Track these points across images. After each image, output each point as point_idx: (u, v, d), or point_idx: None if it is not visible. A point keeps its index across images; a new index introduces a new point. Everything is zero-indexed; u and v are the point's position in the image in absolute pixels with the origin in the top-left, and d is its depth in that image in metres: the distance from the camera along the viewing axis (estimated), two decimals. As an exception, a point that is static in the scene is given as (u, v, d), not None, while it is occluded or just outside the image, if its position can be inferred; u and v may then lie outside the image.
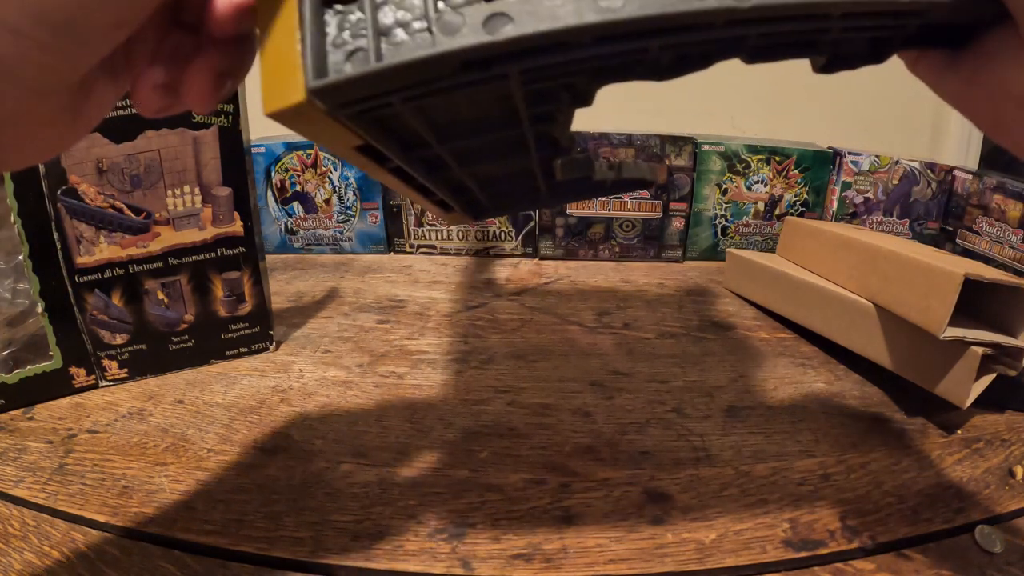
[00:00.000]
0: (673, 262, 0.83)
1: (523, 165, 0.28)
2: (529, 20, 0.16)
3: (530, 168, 0.28)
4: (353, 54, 0.18)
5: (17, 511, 0.36)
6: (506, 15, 0.17)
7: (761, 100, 0.98)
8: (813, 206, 0.83)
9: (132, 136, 0.46)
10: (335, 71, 0.18)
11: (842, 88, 0.97)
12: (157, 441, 0.43)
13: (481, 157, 0.27)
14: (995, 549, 0.34)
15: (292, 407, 0.47)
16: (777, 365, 0.55)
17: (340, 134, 0.20)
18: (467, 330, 0.61)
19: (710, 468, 0.41)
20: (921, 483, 0.40)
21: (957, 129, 1.01)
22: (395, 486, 0.39)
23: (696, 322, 0.64)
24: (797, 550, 0.34)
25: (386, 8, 0.18)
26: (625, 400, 0.49)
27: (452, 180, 0.28)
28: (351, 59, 0.18)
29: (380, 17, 0.18)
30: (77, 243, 0.46)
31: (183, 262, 0.50)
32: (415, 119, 0.20)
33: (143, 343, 0.50)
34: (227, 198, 0.50)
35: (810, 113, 0.99)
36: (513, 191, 0.33)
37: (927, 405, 0.48)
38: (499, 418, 0.46)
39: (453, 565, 0.33)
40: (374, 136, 0.21)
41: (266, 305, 0.54)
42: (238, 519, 0.36)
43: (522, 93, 0.20)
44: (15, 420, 0.45)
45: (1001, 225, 0.74)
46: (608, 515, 0.37)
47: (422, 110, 0.20)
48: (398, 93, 0.18)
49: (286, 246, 0.84)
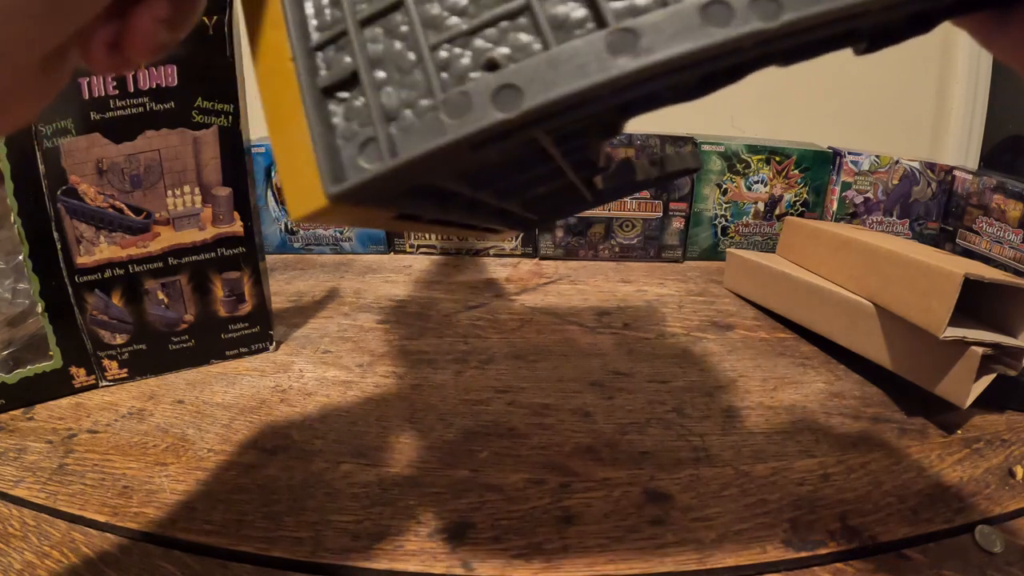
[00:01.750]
0: (673, 262, 0.83)
1: (564, 183, 0.27)
2: (540, 87, 0.16)
3: (571, 183, 0.28)
4: (365, 145, 0.17)
5: (17, 511, 0.36)
6: (515, 87, 0.16)
7: (761, 100, 0.98)
8: (813, 206, 0.83)
9: (132, 136, 0.46)
10: (352, 170, 0.17)
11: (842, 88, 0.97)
12: (157, 441, 0.43)
13: (520, 188, 0.26)
14: (995, 549, 0.34)
15: (292, 407, 0.47)
16: (777, 365, 0.55)
17: (373, 215, 0.20)
18: (467, 330, 0.61)
19: (710, 468, 0.41)
20: (921, 483, 0.40)
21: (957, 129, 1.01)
22: (395, 486, 0.39)
23: (696, 322, 0.64)
24: (797, 550, 0.34)
25: (388, 88, 0.17)
26: (625, 400, 0.49)
27: (494, 210, 0.28)
28: (364, 152, 0.17)
29: (384, 100, 0.17)
30: (77, 243, 0.46)
31: (183, 262, 0.50)
32: (444, 180, 0.20)
33: (143, 343, 0.50)
34: (227, 198, 0.50)
35: (810, 113, 0.99)
36: (558, 204, 0.33)
37: (927, 405, 0.48)
38: (499, 418, 0.46)
39: (453, 565, 0.33)
40: (407, 206, 0.21)
41: (266, 305, 0.54)
42: (238, 519, 0.36)
43: (551, 139, 0.20)
44: (15, 420, 0.45)
45: (1001, 225, 0.74)
46: (608, 515, 0.37)
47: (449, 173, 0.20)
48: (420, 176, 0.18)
49: (286, 246, 0.84)
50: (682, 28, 0.15)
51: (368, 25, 0.18)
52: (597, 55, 0.15)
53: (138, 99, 0.45)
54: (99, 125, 0.45)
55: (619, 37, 0.15)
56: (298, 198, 0.18)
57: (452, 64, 0.17)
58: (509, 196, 0.26)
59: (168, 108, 0.46)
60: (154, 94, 0.45)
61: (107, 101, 0.44)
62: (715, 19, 0.15)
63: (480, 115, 0.16)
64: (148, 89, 0.45)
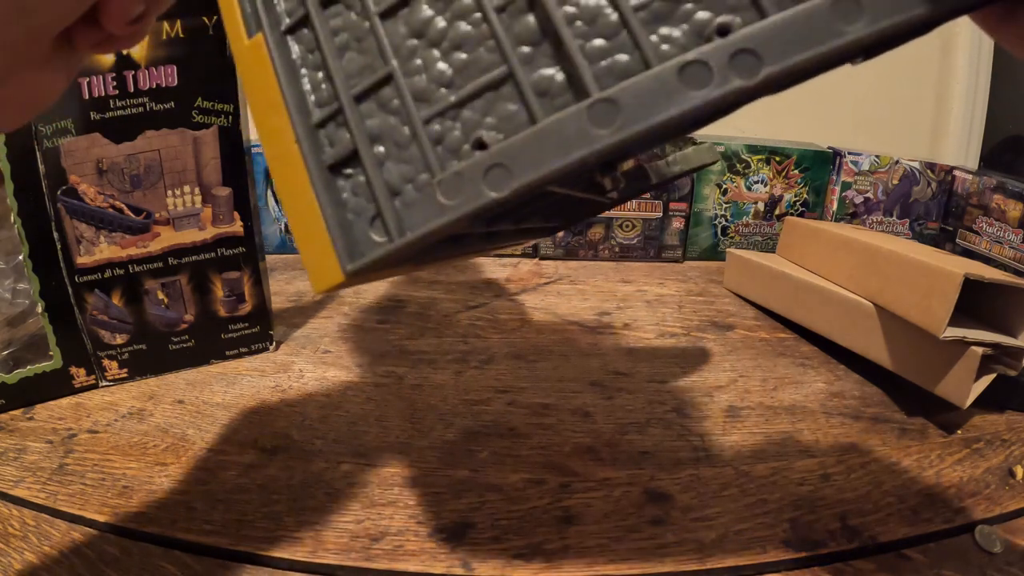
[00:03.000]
0: (673, 262, 0.83)
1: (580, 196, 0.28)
2: (528, 165, 0.16)
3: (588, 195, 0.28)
4: (375, 220, 0.18)
5: (17, 511, 0.36)
6: (504, 166, 0.16)
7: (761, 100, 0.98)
8: (813, 206, 0.83)
9: (132, 136, 0.46)
10: (365, 245, 0.18)
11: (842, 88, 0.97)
12: (157, 441, 0.43)
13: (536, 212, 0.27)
14: (995, 549, 0.34)
15: (292, 407, 0.47)
16: (777, 365, 0.55)
17: (394, 272, 0.21)
18: (467, 330, 0.61)
19: (710, 468, 0.41)
20: (921, 483, 0.40)
21: (957, 129, 1.01)
22: (395, 486, 0.39)
23: (696, 322, 0.64)
24: (797, 550, 0.34)
25: (389, 164, 0.18)
26: (625, 400, 0.49)
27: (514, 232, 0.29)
28: (374, 226, 0.18)
29: (386, 176, 0.18)
30: (77, 243, 0.46)
31: (183, 262, 0.50)
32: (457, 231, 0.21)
33: (143, 343, 0.50)
34: (227, 198, 0.50)
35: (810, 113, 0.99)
36: (578, 210, 0.33)
37: (927, 405, 0.48)
38: (499, 418, 0.46)
39: (453, 565, 0.33)
40: (425, 260, 0.21)
41: (266, 305, 0.54)
42: (238, 519, 0.36)
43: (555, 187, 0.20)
44: (15, 420, 0.45)
45: (1001, 225, 0.74)
46: (608, 515, 0.37)
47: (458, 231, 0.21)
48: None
49: (286, 246, 0.84)
50: (662, 93, 0.15)
51: (362, 101, 0.19)
52: (580, 129, 0.16)
53: (138, 99, 0.45)
54: (99, 125, 0.45)
55: (600, 109, 0.15)
56: (318, 274, 0.19)
57: (445, 137, 0.17)
58: (526, 218, 0.27)
59: (168, 108, 0.46)
60: (154, 94, 0.45)
61: (107, 101, 0.44)
62: (694, 81, 0.15)
63: (474, 195, 0.16)
64: (148, 89, 0.45)
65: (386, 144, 0.18)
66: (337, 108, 0.19)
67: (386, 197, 0.18)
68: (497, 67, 0.17)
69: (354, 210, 0.18)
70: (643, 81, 0.15)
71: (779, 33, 0.15)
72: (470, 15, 0.17)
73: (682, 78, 0.15)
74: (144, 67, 0.44)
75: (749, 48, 0.15)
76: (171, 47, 0.45)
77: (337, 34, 0.19)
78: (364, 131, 0.18)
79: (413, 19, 0.18)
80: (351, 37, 0.19)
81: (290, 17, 0.20)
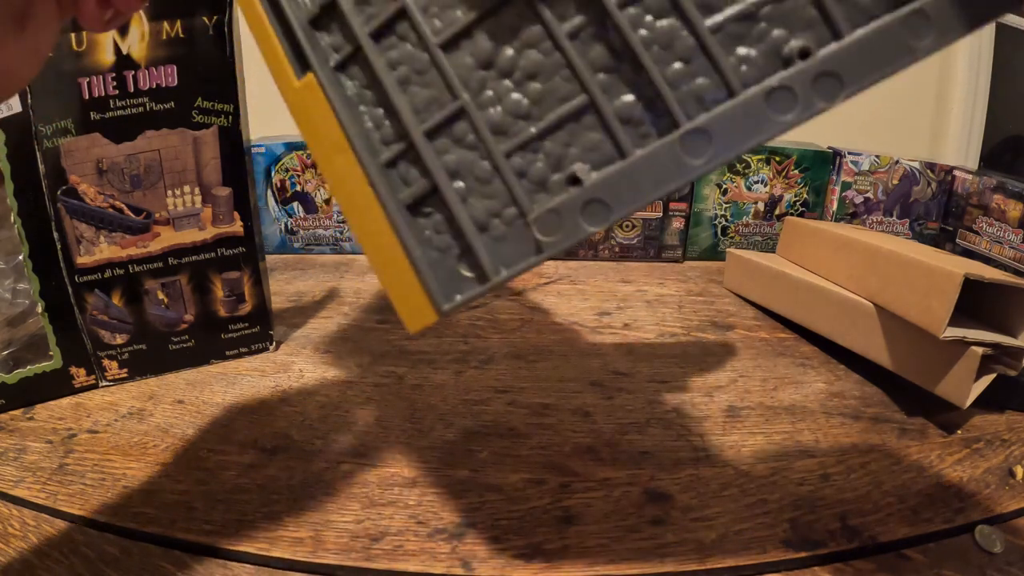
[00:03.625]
0: (673, 262, 0.83)
1: None
2: (627, 199, 0.16)
3: None
4: (463, 257, 0.18)
5: (17, 511, 0.36)
6: (603, 202, 0.16)
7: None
8: (813, 206, 0.83)
9: (132, 136, 0.46)
10: (457, 283, 0.18)
11: (842, 88, 0.96)
12: (157, 441, 0.43)
13: None
14: (995, 549, 0.34)
15: (292, 407, 0.47)
16: (777, 365, 0.55)
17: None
18: (467, 330, 0.61)
19: (710, 468, 0.41)
20: (921, 483, 0.40)
21: (957, 129, 1.01)
22: (395, 486, 0.39)
23: (696, 322, 0.64)
24: (797, 550, 0.34)
25: (471, 200, 0.18)
26: (625, 400, 0.49)
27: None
28: (462, 263, 0.18)
29: (471, 212, 0.18)
30: (77, 243, 0.46)
31: (183, 262, 0.50)
32: None
33: (143, 343, 0.50)
34: (227, 198, 0.50)
35: (810, 113, 0.99)
36: None
37: (927, 405, 0.48)
38: (499, 418, 0.46)
39: (453, 565, 0.33)
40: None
41: (266, 305, 0.54)
42: (238, 519, 0.36)
43: None
44: (15, 420, 0.45)
45: (1001, 225, 0.74)
46: (608, 515, 0.37)
47: None
48: None
49: (286, 246, 0.84)
50: (751, 121, 0.15)
51: (435, 137, 0.18)
52: (674, 161, 0.16)
53: (138, 99, 0.45)
54: (99, 125, 0.45)
55: (693, 140, 0.16)
56: (411, 314, 0.19)
57: (529, 170, 0.17)
58: None
59: (168, 108, 0.46)
60: (154, 94, 0.45)
61: (107, 101, 0.44)
62: (781, 106, 0.15)
63: (573, 231, 0.17)
64: (148, 89, 0.45)
65: (466, 179, 0.18)
66: (407, 145, 0.18)
67: (474, 234, 0.18)
68: (576, 96, 0.17)
69: (439, 247, 0.18)
70: (732, 109, 0.15)
71: (857, 54, 0.15)
72: (540, 43, 0.17)
73: (769, 104, 0.15)
74: (144, 67, 0.44)
75: (831, 71, 0.15)
76: (171, 47, 0.45)
77: (395, 67, 0.18)
78: (441, 167, 0.18)
79: (479, 49, 0.17)
80: (411, 70, 0.18)
81: (338, 52, 0.19)
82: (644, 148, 0.16)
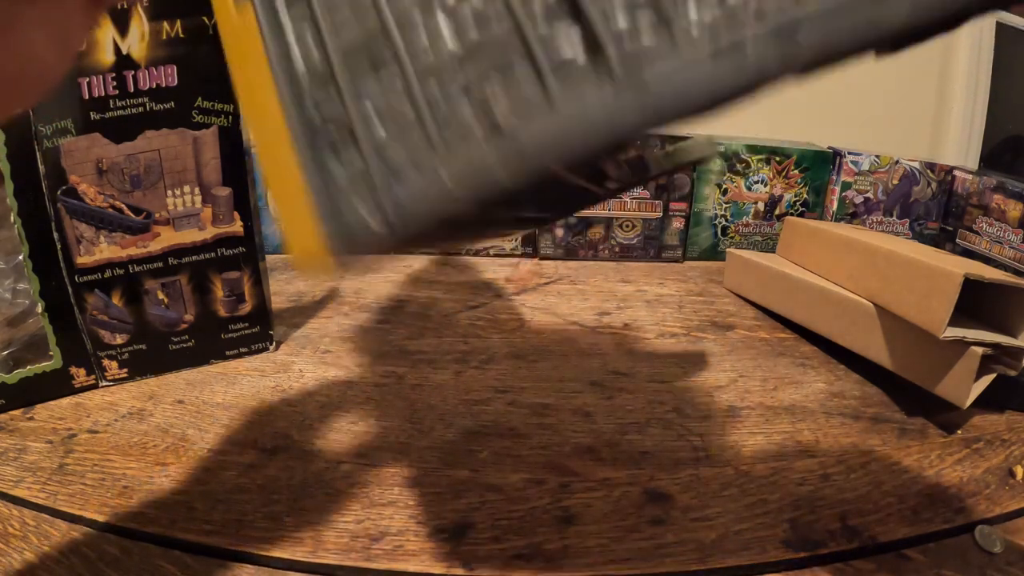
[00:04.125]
0: (673, 262, 0.83)
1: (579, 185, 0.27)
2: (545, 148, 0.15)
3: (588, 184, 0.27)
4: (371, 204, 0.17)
5: (17, 511, 0.36)
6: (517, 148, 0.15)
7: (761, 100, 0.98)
8: (813, 206, 0.83)
9: (132, 136, 0.46)
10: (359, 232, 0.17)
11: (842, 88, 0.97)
12: (157, 441, 0.43)
13: (533, 200, 0.26)
14: (995, 549, 0.34)
15: (292, 407, 0.47)
16: (777, 365, 0.55)
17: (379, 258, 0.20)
18: (467, 330, 0.61)
19: (710, 468, 0.41)
20: (921, 483, 0.40)
21: (957, 129, 1.01)
22: (395, 486, 0.39)
23: (696, 322, 0.64)
24: (797, 550, 0.34)
25: (388, 145, 0.17)
26: (625, 400, 0.49)
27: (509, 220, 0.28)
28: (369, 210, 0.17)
29: (386, 158, 0.17)
30: (77, 243, 0.46)
31: (183, 262, 0.50)
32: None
33: (143, 343, 0.50)
34: (227, 198, 0.50)
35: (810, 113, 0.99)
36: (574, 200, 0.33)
37: (927, 405, 0.48)
38: (499, 418, 0.46)
39: (453, 565, 0.33)
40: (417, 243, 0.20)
41: (266, 305, 0.54)
42: (238, 519, 0.36)
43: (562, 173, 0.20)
44: (15, 420, 0.45)
45: (1001, 225, 0.74)
46: (608, 515, 0.37)
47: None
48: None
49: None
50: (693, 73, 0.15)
51: (361, 77, 0.17)
52: (603, 109, 0.15)
53: (138, 99, 0.45)
54: (99, 125, 0.45)
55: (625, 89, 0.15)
56: (303, 254, 0.18)
57: (453, 117, 0.16)
58: (523, 207, 0.26)
59: (168, 108, 0.46)
60: (154, 94, 0.45)
61: (107, 101, 0.44)
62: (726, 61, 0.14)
63: (484, 180, 0.15)
64: (148, 89, 0.45)
65: (386, 124, 0.17)
66: (333, 85, 0.17)
67: (384, 180, 0.16)
68: (511, 42, 0.16)
69: (348, 192, 0.17)
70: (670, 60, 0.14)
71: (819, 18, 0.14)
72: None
73: (715, 60, 0.14)
74: (144, 67, 0.44)
75: (787, 25, 0.14)
76: (171, 47, 0.45)
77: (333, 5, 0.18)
78: (362, 110, 0.17)
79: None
80: (350, 8, 0.17)
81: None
82: (571, 96, 0.15)
